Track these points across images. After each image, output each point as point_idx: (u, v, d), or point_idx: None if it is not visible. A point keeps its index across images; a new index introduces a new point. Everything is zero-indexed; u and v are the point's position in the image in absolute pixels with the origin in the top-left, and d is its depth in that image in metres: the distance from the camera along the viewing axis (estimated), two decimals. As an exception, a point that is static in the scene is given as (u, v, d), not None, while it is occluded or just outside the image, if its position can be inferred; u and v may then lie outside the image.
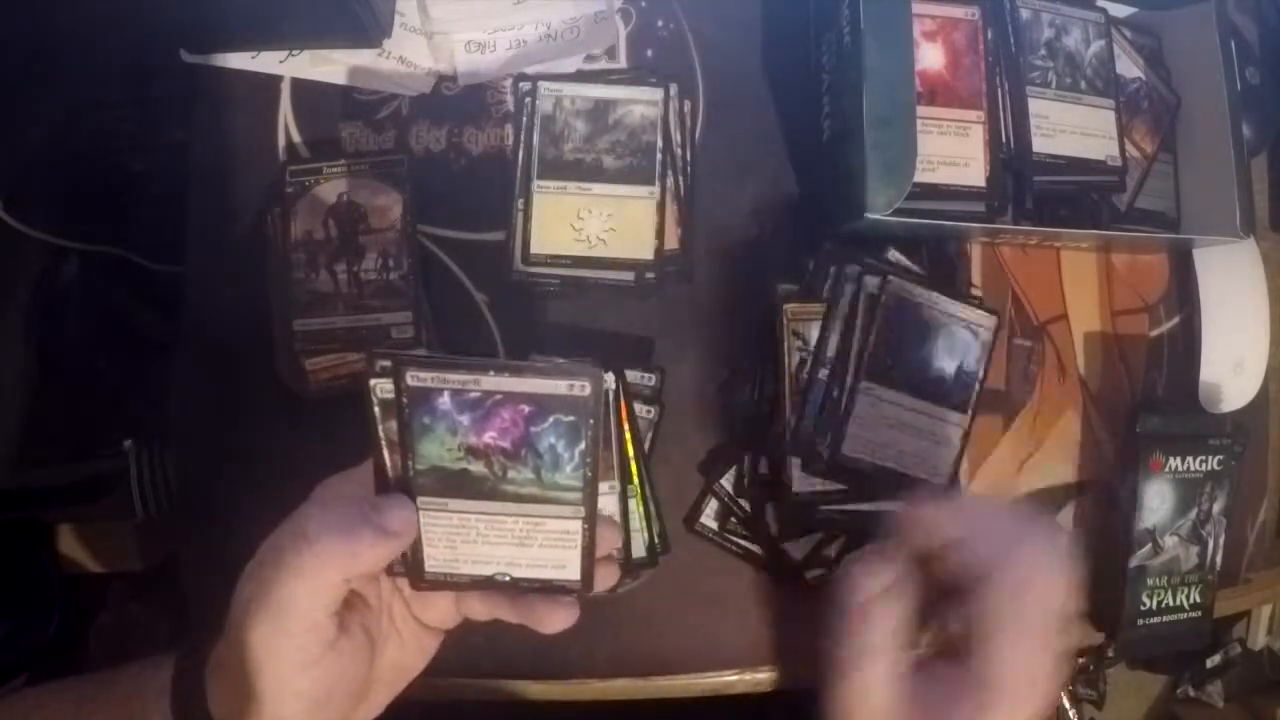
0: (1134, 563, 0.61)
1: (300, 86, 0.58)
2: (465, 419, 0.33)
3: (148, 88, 0.72)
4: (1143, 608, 0.62)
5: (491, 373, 0.32)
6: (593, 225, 0.55)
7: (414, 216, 0.55)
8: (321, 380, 0.55)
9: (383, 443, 0.35)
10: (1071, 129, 0.60)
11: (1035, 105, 0.59)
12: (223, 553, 0.55)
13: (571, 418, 0.33)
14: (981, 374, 0.56)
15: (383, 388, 0.34)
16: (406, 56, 0.58)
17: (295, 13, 0.55)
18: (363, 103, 0.58)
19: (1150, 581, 0.62)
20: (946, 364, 0.56)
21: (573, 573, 0.35)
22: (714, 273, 0.59)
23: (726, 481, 0.57)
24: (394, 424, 0.34)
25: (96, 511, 0.75)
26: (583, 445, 0.33)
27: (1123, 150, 0.61)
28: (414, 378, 0.32)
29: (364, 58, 0.58)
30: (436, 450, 0.34)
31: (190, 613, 0.55)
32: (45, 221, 0.67)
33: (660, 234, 0.56)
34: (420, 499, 0.34)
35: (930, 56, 0.58)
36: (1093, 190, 0.62)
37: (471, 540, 0.35)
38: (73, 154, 0.71)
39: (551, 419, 0.33)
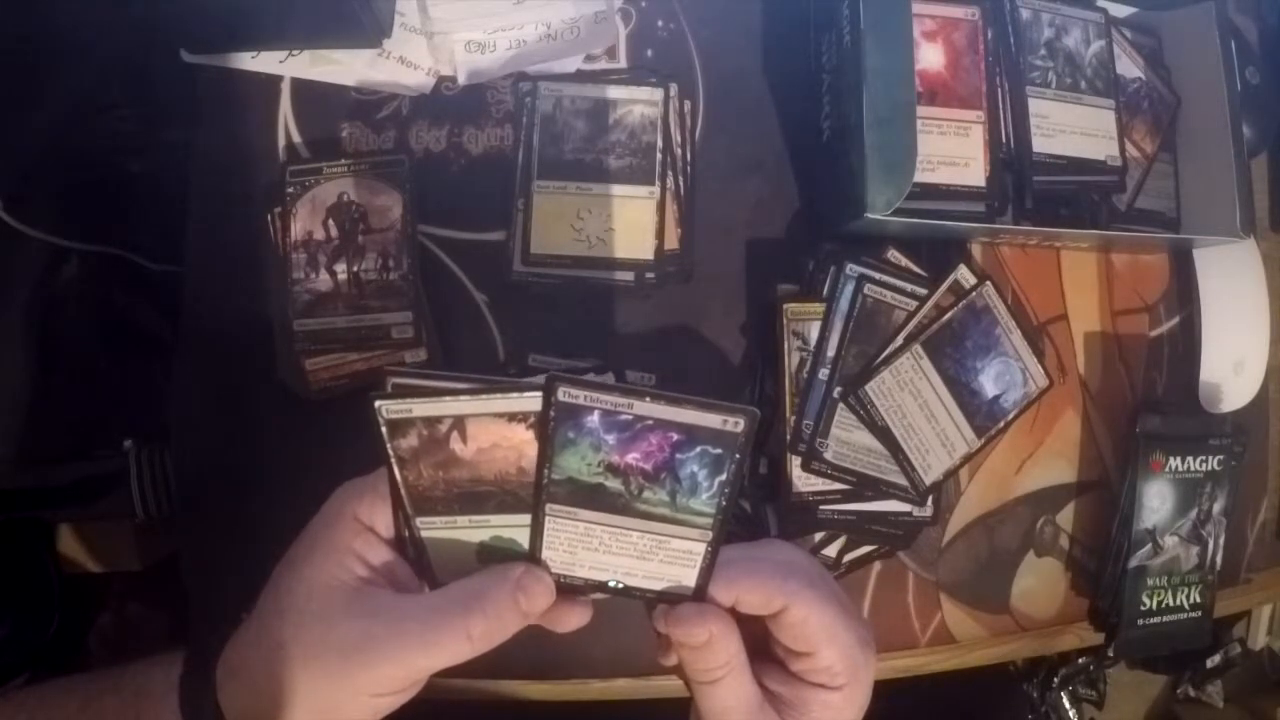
0: (1134, 563, 0.61)
1: (300, 86, 0.58)
2: (611, 438, 0.33)
3: (148, 88, 0.72)
4: (1143, 608, 0.62)
5: (647, 399, 0.33)
6: (593, 225, 0.55)
7: (414, 216, 0.55)
8: (321, 380, 0.55)
9: (394, 461, 0.35)
10: (1071, 129, 0.60)
11: (1035, 105, 0.59)
12: (223, 553, 0.55)
13: (719, 451, 0.33)
14: (1011, 416, 0.57)
15: (389, 408, 0.34)
16: (406, 56, 0.58)
17: (295, 13, 0.55)
18: (363, 103, 0.58)
19: (1150, 581, 0.62)
20: (989, 386, 0.57)
21: (685, 590, 0.36)
22: (714, 273, 0.59)
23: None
24: (402, 442, 0.34)
25: (96, 511, 0.74)
26: (724, 477, 0.34)
27: (1123, 150, 0.61)
28: (566, 394, 0.33)
29: (364, 58, 0.58)
30: (576, 463, 0.34)
31: (190, 613, 0.55)
32: (45, 221, 0.67)
33: (660, 234, 0.56)
34: (550, 505, 0.35)
35: (930, 56, 0.58)
36: (1093, 190, 0.62)
37: (593, 548, 0.35)
38: (73, 154, 0.71)
39: (698, 449, 0.33)
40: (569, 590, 0.36)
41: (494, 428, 0.34)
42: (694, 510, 0.34)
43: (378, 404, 0.34)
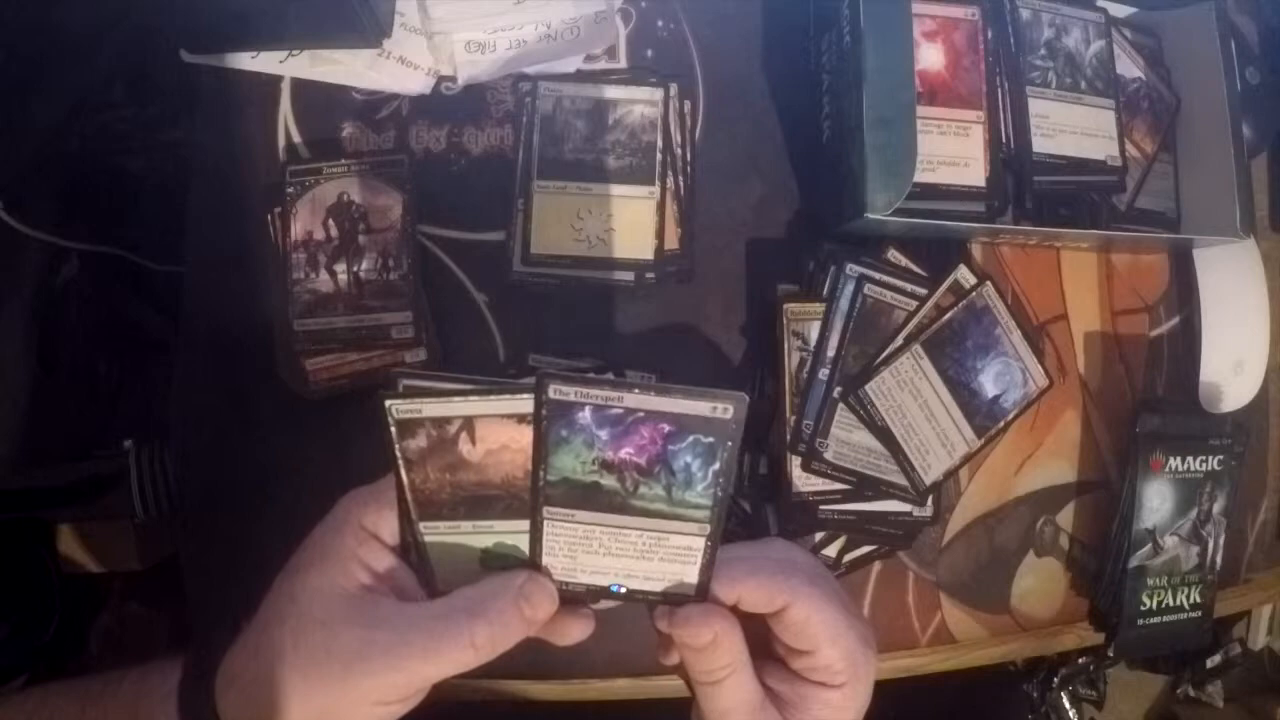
0: (1134, 563, 0.61)
1: (300, 86, 0.58)
2: (604, 434, 0.33)
3: (148, 88, 0.72)
4: (1143, 608, 0.62)
5: (636, 391, 0.33)
6: (593, 225, 0.55)
7: (414, 216, 0.55)
8: (321, 380, 0.55)
9: (400, 462, 0.35)
10: (1071, 129, 0.60)
11: (1035, 105, 0.59)
12: (223, 553, 0.55)
13: (710, 439, 0.33)
14: (1011, 416, 0.57)
15: (398, 408, 0.34)
16: (406, 56, 0.58)
17: (295, 13, 0.55)
18: (363, 103, 0.58)
19: (1150, 581, 0.62)
20: (988, 386, 0.57)
21: (687, 588, 0.36)
22: (714, 273, 0.59)
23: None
24: (411, 443, 0.34)
25: (96, 511, 0.74)
26: (717, 466, 0.34)
27: (1123, 150, 0.61)
28: (557, 391, 0.33)
29: (364, 58, 0.58)
30: (570, 463, 0.34)
31: (190, 613, 0.55)
32: (45, 221, 0.67)
33: (660, 234, 0.56)
34: (547, 509, 0.35)
35: (930, 56, 0.58)
36: (1093, 190, 0.62)
37: (593, 551, 0.35)
38: (73, 154, 0.71)
39: (690, 439, 0.33)
40: (571, 599, 0.36)
41: (503, 429, 0.34)
42: (691, 503, 0.34)
43: (388, 403, 0.34)
